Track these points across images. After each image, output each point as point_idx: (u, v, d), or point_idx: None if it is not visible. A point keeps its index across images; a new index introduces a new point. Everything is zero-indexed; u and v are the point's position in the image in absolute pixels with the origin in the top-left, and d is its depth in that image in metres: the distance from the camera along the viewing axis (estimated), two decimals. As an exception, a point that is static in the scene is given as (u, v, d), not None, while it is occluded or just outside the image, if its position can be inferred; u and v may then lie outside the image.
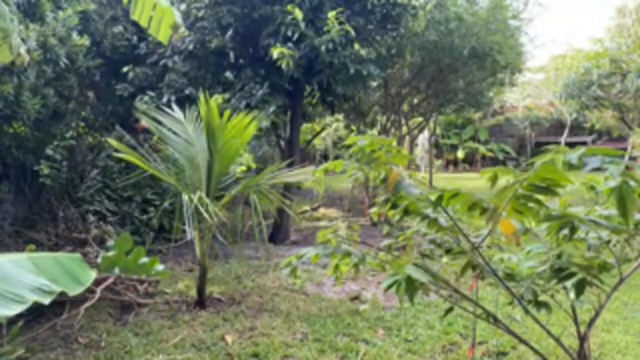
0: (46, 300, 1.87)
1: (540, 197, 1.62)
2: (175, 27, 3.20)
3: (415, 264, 1.70)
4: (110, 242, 4.08)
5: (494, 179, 1.57)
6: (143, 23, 3.31)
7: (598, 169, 1.72)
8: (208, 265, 5.54)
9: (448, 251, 2.10)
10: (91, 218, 7.32)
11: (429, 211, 2.00)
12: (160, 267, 3.40)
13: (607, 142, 22.70)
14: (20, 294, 1.75)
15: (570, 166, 1.36)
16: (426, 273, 1.68)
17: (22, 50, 2.64)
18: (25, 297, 1.75)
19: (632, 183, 1.28)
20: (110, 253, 3.08)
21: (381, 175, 1.89)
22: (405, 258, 1.76)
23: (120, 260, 3.12)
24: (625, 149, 17.68)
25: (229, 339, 4.52)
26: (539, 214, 1.71)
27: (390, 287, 1.62)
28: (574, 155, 1.30)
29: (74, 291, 2.14)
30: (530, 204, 1.65)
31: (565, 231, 1.65)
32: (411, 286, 1.59)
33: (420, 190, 1.77)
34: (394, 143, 1.97)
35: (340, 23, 6.93)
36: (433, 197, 1.70)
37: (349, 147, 2.02)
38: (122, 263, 3.16)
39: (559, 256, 2.08)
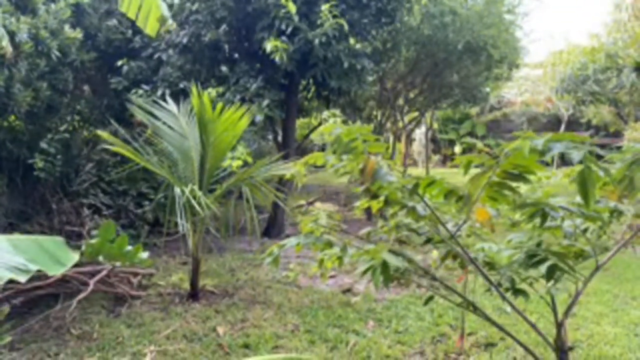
0: (22, 279, 1.89)
1: (515, 183, 1.64)
2: (162, 20, 3.21)
3: (392, 251, 1.73)
4: (95, 232, 4.08)
5: (467, 166, 1.60)
6: (131, 15, 3.31)
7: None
8: (202, 258, 5.57)
9: (428, 240, 2.13)
10: (86, 211, 7.34)
11: (408, 201, 2.02)
12: (144, 255, 3.42)
13: (605, 138, 22.72)
14: (-4, 271, 1.77)
15: (539, 153, 1.38)
16: (403, 259, 1.70)
17: (5, 42, 2.64)
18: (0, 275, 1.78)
19: (595, 168, 1.31)
20: (94, 240, 3.11)
21: (360, 165, 1.91)
22: (382, 245, 1.79)
23: (103, 247, 3.14)
24: (621, 145, 17.69)
25: (220, 330, 4.55)
26: (514, 202, 1.73)
27: (365, 272, 1.65)
28: (539, 141, 1.32)
29: (54, 271, 2.16)
30: (505, 191, 1.67)
31: (534, 219, 1.68)
32: (386, 272, 1.62)
33: (397, 178, 1.79)
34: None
35: (334, 17, 6.92)
36: (409, 185, 1.72)
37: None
38: (105, 250, 3.18)
39: (538, 245, 2.11)
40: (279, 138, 9.96)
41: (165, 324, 4.71)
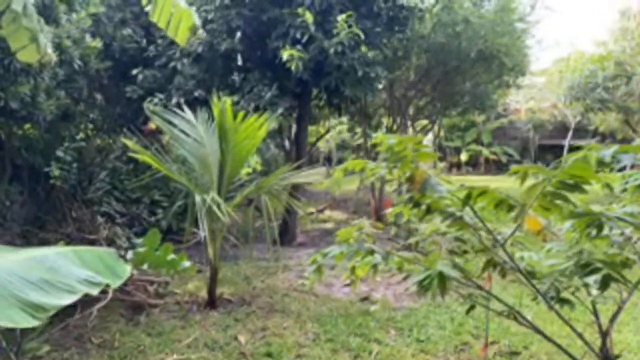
0: (94, 291, 1.91)
1: (568, 194, 1.65)
2: (193, 29, 3.24)
3: (444, 261, 1.73)
4: (138, 240, 4.06)
5: (523, 177, 1.60)
6: (162, 24, 3.34)
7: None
8: (218, 266, 5.57)
9: (471, 248, 2.13)
10: (100, 219, 7.36)
11: (452, 209, 2.03)
12: (186, 263, 3.44)
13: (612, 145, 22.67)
14: (71, 284, 1.78)
15: (601, 164, 1.39)
16: (455, 269, 1.70)
17: (50, 49, 2.68)
18: (75, 288, 1.79)
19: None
20: (141, 249, 3.12)
21: (406, 173, 1.92)
22: (435, 254, 1.79)
23: (150, 256, 3.16)
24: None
25: (242, 339, 4.54)
26: (564, 211, 1.74)
27: (422, 282, 1.65)
28: (607, 152, 1.33)
29: (115, 283, 2.19)
30: (558, 201, 1.68)
31: (591, 229, 1.68)
32: (443, 282, 1.62)
33: (447, 188, 1.80)
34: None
35: (349, 26, 6.97)
36: (461, 195, 1.73)
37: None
38: (151, 259, 3.20)
39: (579, 253, 2.11)
40: (287, 145, 10.00)
41: (186, 332, 4.70)
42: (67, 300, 1.77)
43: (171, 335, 4.64)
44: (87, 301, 5.16)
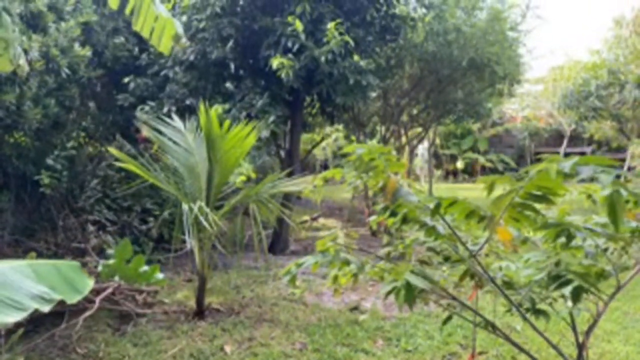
0: (46, 308, 1.86)
1: (537, 205, 1.63)
2: (176, 38, 3.24)
3: (413, 271, 1.71)
4: (110, 251, 4.04)
5: (490, 187, 1.59)
6: (145, 34, 3.34)
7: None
8: (207, 275, 5.53)
9: (446, 259, 2.11)
10: (91, 228, 7.31)
11: (427, 219, 2.01)
12: (160, 275, 3.39)
13: (606, 153, 22.74)
14: (20, 300, 1.74)
15: (564, 175, 1.37)
16: (425, 280, 1.68)
17: (22, 60, 2.67)
18: (25, 305, 1.75)
19: (623, 192, 1.31)
20: (111, 261, 3.08)
21: (379, 183, 1.91)
22: (404, 265, 1.77)
23: (120, 268, 3.11)
24: (624, 160, 17.74)
25: (228, 349, 4.50)
26: (536, 222, 1.72)
27: (389, 293, 1.63)
28: (566, 164, 1.32)
29: (72, 299, 2.13)
30: (527, 212, 1.66)
31: (562, 239, 1.67)
32: (410, 293, 1.60)
33: (418, 198, 1.78)
34: (393, 152, 2.01)
35: (340, 34, 6.99)
36: (431, 205, 1.71)
37: (346, 155, 2.04)
38: (122, 271, 3.15)
39: (557, 264, 2.09)
40: (282, 153, 9.99)
41: (172, 342, 4.66)
42: (15, 317, 1.72)
43: (157, 345, 4.59)
44: (74, 310, 5.14)
